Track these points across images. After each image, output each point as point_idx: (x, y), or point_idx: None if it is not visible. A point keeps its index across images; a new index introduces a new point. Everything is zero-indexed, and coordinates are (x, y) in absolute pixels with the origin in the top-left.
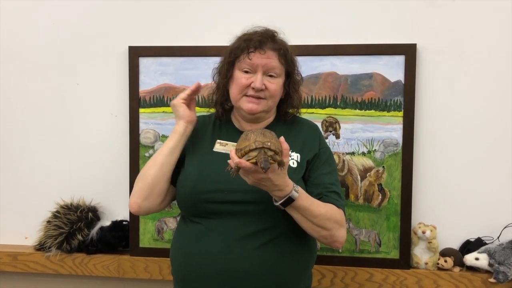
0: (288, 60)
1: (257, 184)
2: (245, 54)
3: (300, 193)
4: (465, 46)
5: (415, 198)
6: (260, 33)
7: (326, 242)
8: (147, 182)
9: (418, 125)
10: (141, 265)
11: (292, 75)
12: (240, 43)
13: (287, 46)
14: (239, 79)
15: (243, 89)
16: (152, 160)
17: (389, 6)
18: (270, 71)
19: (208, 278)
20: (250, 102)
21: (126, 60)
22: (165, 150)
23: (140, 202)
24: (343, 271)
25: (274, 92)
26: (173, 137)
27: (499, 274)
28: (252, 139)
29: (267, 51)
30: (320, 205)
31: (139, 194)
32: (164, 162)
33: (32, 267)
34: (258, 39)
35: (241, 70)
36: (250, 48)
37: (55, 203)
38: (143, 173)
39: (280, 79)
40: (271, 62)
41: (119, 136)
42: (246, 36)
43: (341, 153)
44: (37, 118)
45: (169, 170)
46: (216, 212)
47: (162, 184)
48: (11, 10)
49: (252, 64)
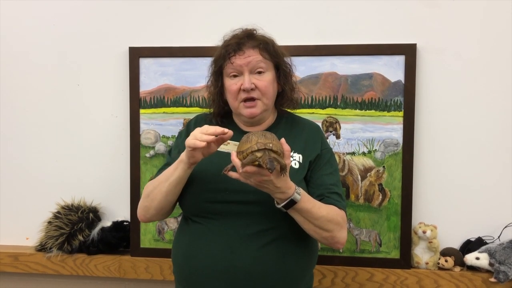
0: (271, 53)
1: (259, 187)
2: (227, 60)
3: (302, 195)
4: (465, 46)
5: (416, 198)
6: (237, 36)
7: (327, 243)
8: (153, 205)
9: (418, 125)
10: (142, 265)
11: (281, 67)
12: (221, 51)
13: (267, 39)
14: (229, 86)
15: (236, 95)
16: (158, 183)
17: (389, 6)
18: (256, 68)
19: (210, 278)
20: (247, 107)
21: (126, 61)
22: (171, 179)
23: (148, 216)
24: (343, 271)
25: (265, 89)
26: (179, 168)
27: (499, 273)
28: (253, 141)
29: (246, 50)
30: (321, 207)
31: (146, 212)
32: (169, 191)
33: (33, 267)
34: (235, 41)
35: (229, 76)
36: (230, 52)
37: (56, 204)
38: (149, 192)
39: (269, 73)
40: (253, 59)
41: (120, 136)
42: (225, 43)
43: (342, 153)
44: (38, 119)
45: (174, 198)
46: (217, 212)
47: (167, 208)
48: (12, 11)
49: (235, 67)
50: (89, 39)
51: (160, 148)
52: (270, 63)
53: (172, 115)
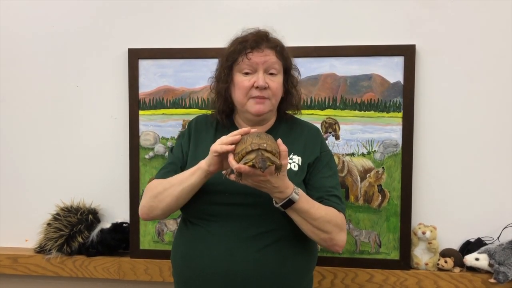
0: (285, 57)
1: (257, 187)
2: (243, 55)
3: (301, 195)
4: (464, 47)
5: (415, 199)
6: (254, 34)
7: (326, 246)
8: (160, 207)
9: (418, 126)
10: (142, 267)
11: (289, 72)
12: (236, 46)
13: (281, 43)
14: (241, 82)
15: (247, 92)
16: (170, 185)
17: (388, 7)
18: (271, 68)
19: (209, 280)
20: (257, 103)
21: (125, 62)
22: (185, 185)
23: (151, 215)
24: (343, 272)
25: (276, 91)
26: (196, 175)
27: (499, 274)
28: (248, 142)
29: (265, 49)
30: (320, 208)
31: (150, 211)
32: (180, 196)
33: (33, 269)
34: (253, 39)
35: (241, 73)
36: (247, 48)
37: (55, 206)
38: (157, 193)
39: (280, 76)
40: (270, 59)
41: (119, 138)
42: (241, 39)
43: (341, 154)
44: (37, 121)
45: (184, 202)
46: (217, 214)
47: (174, 210)
48: (11, 11)
49: (251, 63)
50: (88, 40)
51: (160, 149)
52: (282, 66)
53: (171, 117)
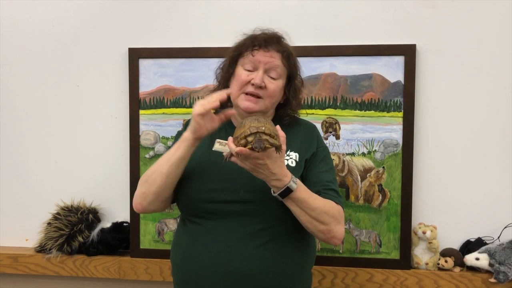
0: (291, 64)
1: (255, 171)
2: (249, 51)
3: (299, 184)
4: (464, 47)
5: (415, 199)
6: (267, 34)
7: (324, 238)
8: (152, 190)
9: (418, 125)
10: (142, 266)
11: (293, 80)
12: (246, 40)
13: (292, 51)
14: (239, 75)
15: (242, 85)
16: (157, 166)
17: (388, 7)
18: (272, 71)
19: (209, 278)
20: (248, 100)
21: (126, 62)
22: (173, 159)
23: (145, 205)
24: (343, 272)
25: (273, 93)
26: (182, 147)
27: (499, 274)
28: (247, 125)
29: (271, 50)
30: (318, 199)
31: (143, 199)
32: (170, 173)
33: (33, 269)
34: (263, 37)
35: (243, 68)
36: (255, 45)
37: (56, 205)
38: (147, 177)
39: (280, 81)
40: (273, 61)
41: (119, 137)
42: (253, 35)
43: (341, 154)
44: (37, 120)
45: (175, 180)
46: (215, 212)
47: (167, 192)
48: (11, 11)
49: (254, 61)
50: (88, 40)
51: (160, 149)
52: (285, 73)
53: (172, 116)
